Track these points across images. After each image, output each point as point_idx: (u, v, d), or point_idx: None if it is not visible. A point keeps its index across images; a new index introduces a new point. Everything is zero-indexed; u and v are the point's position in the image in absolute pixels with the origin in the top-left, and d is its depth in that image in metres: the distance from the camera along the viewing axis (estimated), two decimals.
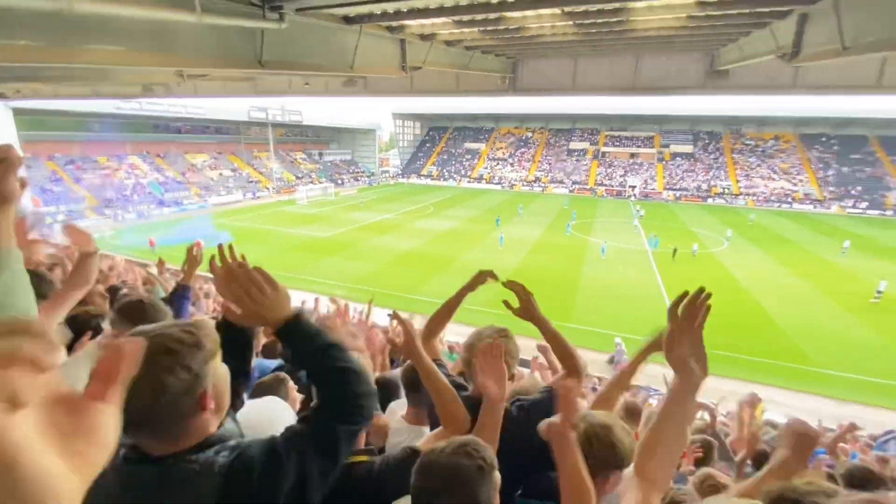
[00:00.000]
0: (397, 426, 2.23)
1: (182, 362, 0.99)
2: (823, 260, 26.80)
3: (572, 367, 1.90)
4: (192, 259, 3.13)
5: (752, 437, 2.66)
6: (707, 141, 59.94)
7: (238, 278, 1.14)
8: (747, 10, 6.49)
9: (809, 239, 32.76)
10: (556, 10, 6.54)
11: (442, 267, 23.44)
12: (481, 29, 7.95)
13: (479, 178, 62.44)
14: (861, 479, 2.89)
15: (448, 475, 1.17)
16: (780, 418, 5.27)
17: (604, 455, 1.53)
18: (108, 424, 0.45)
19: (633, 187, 54.14)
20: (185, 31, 5.28)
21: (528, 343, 2.45)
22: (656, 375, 3.78)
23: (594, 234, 32.22)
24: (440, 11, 6.41)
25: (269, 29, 5.56)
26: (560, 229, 33.51)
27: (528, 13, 6.67)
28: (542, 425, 1.37)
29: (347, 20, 6.71)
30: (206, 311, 5.71)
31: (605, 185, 56.21)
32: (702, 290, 1.19)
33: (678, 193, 52.55)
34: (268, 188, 50.42)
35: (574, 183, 57.77)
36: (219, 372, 1.11)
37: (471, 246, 27.86)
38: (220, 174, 49.28)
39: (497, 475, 1.24)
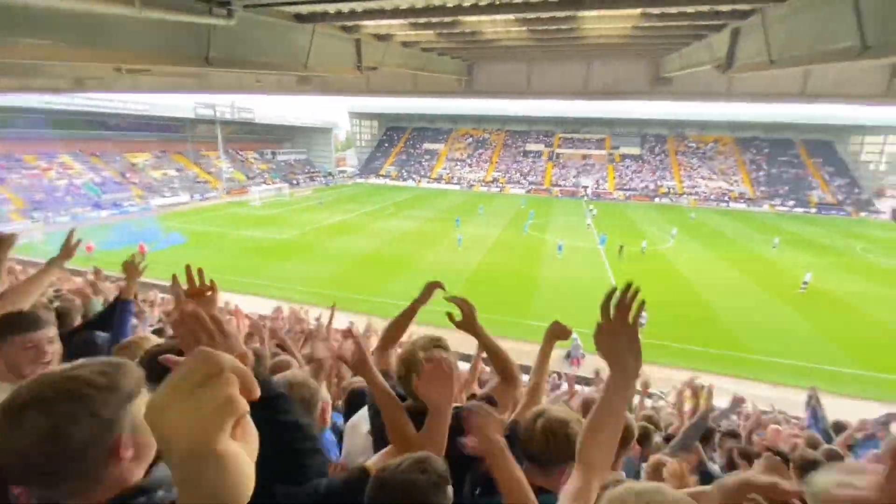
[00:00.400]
0: (364, 443, 2.09)
1: (90, 409, 0.90)
2: (757, 254, 28.99)
3: (508, 375, 1.95)
4: (130, 270, 2.81)
5: (688, 411, 2.84)
6: (654, 143, 63.20)
7: (188, 322, 1.07)
8: (686, 23, 6.91)
9: (744, 235, 35.31)
10: (511, 17, 6.67)
11: (404, 268, 23.34)
12: (438, 31, 7.99)
13: (439, 179, 62.63)
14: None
15: (404, 492, 1.18)
16: (723, 404, 5.69)
17: (561, 448, 1.59)
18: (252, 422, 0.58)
19: (586, 187, 56.21)
20: (124, 26, 4.95)
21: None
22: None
23: (550, 233, 33.16)
24: (396, 13, 6.38)
25: (218, 25, 5.33)
26: (518, 229, 34.23)
27: (484, 18, 6.77)
28: (467, 440, 1.40)
29: (300, 18, 6.54)
30: (152, 322, 5.38)
31: (560, 186, 57.99)
32: (629, 285, 1.24)
33: (628, 193, 55.07)
34: (217, 189, 48.18)
35: (530, 183, 59.20)
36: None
37: (432, 246, 27.91)
38: (165, 174, 46.55)
39: (450, 489, 1.26)
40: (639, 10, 6.29)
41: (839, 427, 5.72)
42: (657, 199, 53.53)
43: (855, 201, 49.97)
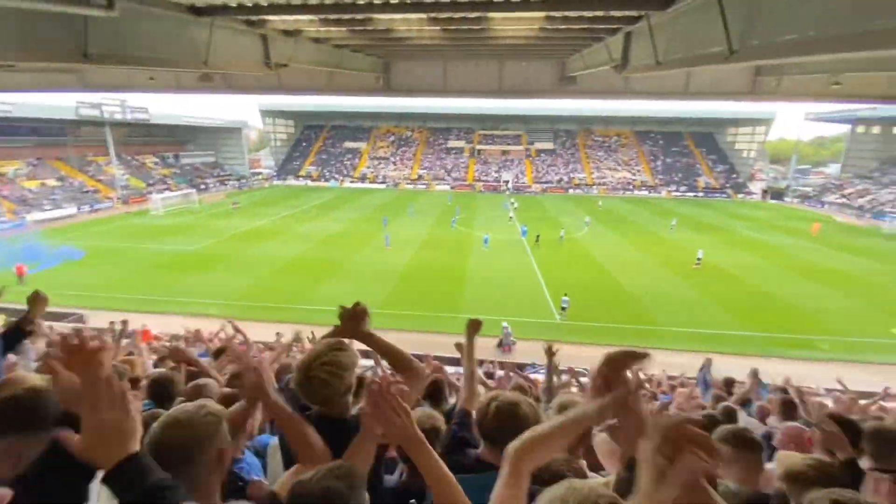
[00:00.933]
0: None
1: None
2: (658, 236, 32.17)
3: (407, 368, 1.95)
4: None
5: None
6: (565, 138, 67.35)
7: (85, 383, 0.97)
8: (586, 27, 7.43)
9: (647, 219, 39.00)
10: (423, 16, 6.71)
11: (332, 271, 22.61)
12: (349, 28, 7.81)
13: (363, 178, 61.43)
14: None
15: (323, 499, 1.19)
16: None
17: (512, 428, 1.65)
18: None
19: (507, 182, 58.50)
20: None
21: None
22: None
23: (476, 227, 34.04)
24: (304, 9, 6.13)
25: (97, 17, 4.72)
26: (445, 225, 34.70)
27: (396, 16, 6.74)
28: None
29: (196, 11, 6.02)
30: (34, 357, 4.67)
31: (483, 181, 59.72)
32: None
33: (545, 186, 58.19)
34: (111, 198, 43.02)
35: (455, 180, 60.27)
36: None
37: (360, 247, 27.34)
38: (42, 184, 40.58)
39: (366, 494, 1.28)
40: (543, 14, 6.65)
41: (729, 382, 6.56)
42: (571, 191, 57.16)
43: (734, 185, 57.31)
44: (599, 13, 6.53)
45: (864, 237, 34.19)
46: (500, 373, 8.12)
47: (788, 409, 4.25)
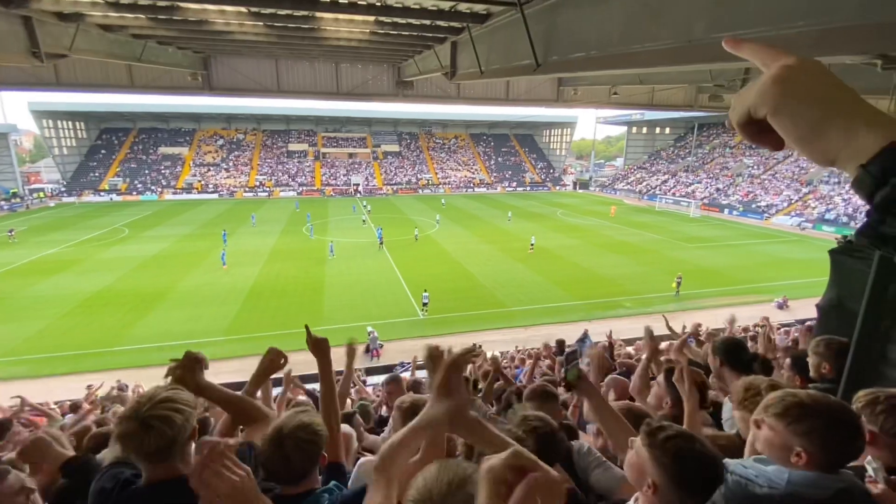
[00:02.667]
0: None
1: None
2: (499, 227, 35.71)
3: (254, 419, 1.80)
4: None
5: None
6: (409, 140, 69.57)
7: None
8: (416, 34, 7.77)
9: (488, 213, 42.93)
10: (242, 9, 6.15)
11: (154, 302, 19.18)
12: (151, 17, 6.71)
13: (189, 188, 53.67)
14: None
15: None
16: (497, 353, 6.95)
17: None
18: None
19: (357, 185, 57.82)
20: None
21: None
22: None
23: (330, 234, 32.86)
24: None
25: None
26: (294, 234, 32.64)
27: (209, 7, 6.04)
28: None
29: None
30: None
31: (332, 185, 57.87)
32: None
33: (395, 187, 59.28)
34: None
35: (301, 185, 57.05)
36: None
37: (190, 269, 23.80)
38: None
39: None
40: (373, 17, 6.72)
41: (560, 343, 7.68)
42: (420, 191, 59.42)
43: (552, 179, 66.94)
44: (427, 21, 6.90)
45: (644, 214, 43.52)
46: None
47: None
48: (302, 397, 4.61)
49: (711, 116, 57.26)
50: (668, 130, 69.28)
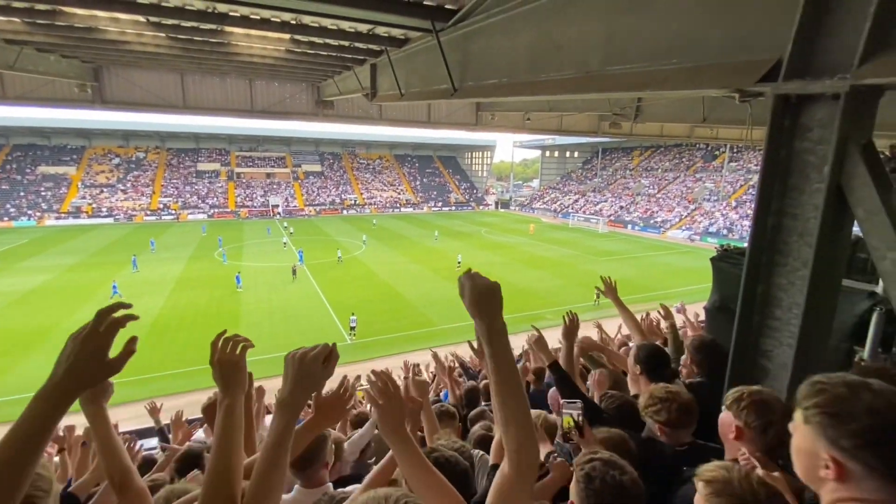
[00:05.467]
0: None
1: None
2: (426, 247, 35.97)
3: (124, 486, 1.61)
4: None
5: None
6: (331, 160, 68.18)
7: None
8: (334, 54, 7.71)
9: (415, 233, 43.14)
10: (140, 18, 5.69)
11: (32, 344, 16.47)
12: (28, 20, 5.96)
13: (76, 212, 47.50)
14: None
15: None
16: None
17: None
18: None
19: (276, 206, 55.14)
20: None
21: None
22: None
23: (245, 258, 30.81)
24: None
25: None
26: (205, 259, 30.14)
27: (99, 13, 5.51)
28: None
29: None
30: None
31: (248, 206, 54.62)
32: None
33: (318, 208, 57.46)
34: None
35: (212, 207, 53.12)
36: None
37: (79, 304, 20.84)
38: None
39: None
40: (288, 35, 6.57)
41: None
42: (345, 211, 58.18)
43: (475, 199, 69.26)
44: (345, 43, 6.89)
45: (559, 231, 46.51)
46: None
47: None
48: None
49: (613, 142, 63.52)
50: (576, 154, 75.35)
